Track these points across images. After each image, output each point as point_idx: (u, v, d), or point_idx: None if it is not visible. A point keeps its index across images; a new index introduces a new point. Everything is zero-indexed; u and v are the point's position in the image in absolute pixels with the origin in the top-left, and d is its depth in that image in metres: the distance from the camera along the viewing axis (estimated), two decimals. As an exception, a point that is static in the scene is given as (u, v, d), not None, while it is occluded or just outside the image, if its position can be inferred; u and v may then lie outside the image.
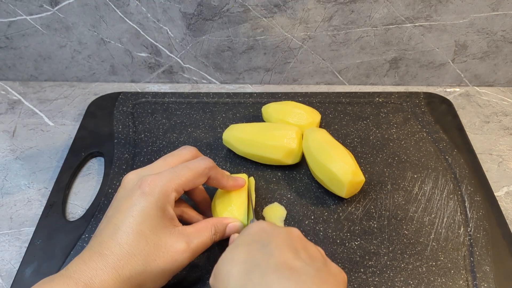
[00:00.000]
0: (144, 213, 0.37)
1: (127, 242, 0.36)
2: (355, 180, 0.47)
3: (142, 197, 0.37)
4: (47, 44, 0.66)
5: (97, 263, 0.35)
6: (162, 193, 0.38)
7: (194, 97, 0.65)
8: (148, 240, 0.36)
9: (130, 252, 0.36)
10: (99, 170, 0.56)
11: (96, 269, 0.35)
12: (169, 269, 0.37)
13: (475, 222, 0.48)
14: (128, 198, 0.38)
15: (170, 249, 0.37)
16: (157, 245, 0.37)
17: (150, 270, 0.36)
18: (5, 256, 0.47)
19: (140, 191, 0.38)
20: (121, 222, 0.37)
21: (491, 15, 0.61)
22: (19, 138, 0.61)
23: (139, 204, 0.37)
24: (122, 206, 0.38)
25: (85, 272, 0.35)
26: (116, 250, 0.36)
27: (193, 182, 0.40)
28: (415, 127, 0.60)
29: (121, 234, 0.36)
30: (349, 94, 0.65)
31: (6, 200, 0.53)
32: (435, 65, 0.67)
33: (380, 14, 0.61)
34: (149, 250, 0.36)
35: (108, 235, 0.37)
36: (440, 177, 0.53)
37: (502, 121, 0.63)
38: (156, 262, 0.36)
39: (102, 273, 0.35)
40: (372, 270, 0.44)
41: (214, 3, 0.60)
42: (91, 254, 0.36)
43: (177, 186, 0.39)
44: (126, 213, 0.37)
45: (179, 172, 0.40)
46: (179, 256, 0.37)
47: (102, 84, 0.70)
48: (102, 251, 0.36)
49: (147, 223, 0.37)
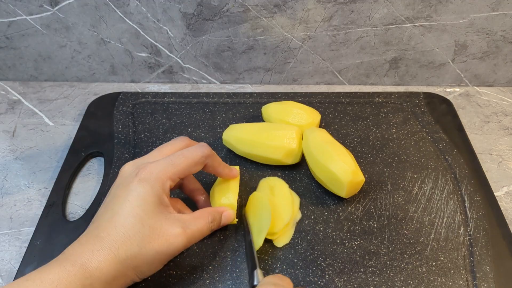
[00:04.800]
0: (140, 198, 0.38)
1: (123, 225, 0.37)
2: (355, 180, 0.47)
3: (139, 183, 0.39)
4: (47, 44, 0.66)
5: (93, 245, 0.36)
6: (157, 180, 0.39)
7: (194, 97, 0.65)
8: (143, 223, 0.37)
9: (125, 234, 0.36)
10: (99, 170, 0.56)
11: (93, 251, 0.35)
12: (165, 253, 0.38)
13: (475, 222, 0.48)
14: (125, 185, 0.39)
15: (166, 233, 0.38)
16: (152, 228, 0.37)
17: (145, 252, 0.37)
18: (5, 256, 0.47)
19: (137, 178, 0.39)
20: (118, 207, 0.38)
21: (491, 15, 0.61)
22: (19, 138, 0.61)
23: (136, 190, 0.38)
24: (119, 192, 0.39)
25: (81, 254, 0.35)
26: (112, 232, 0.36)
27: (189, 170, 0.42)
28: (415, 127, 0.60)
29: (118, 217, 0.37)
30: (349, 94, 0.65)
31: (6, 200, 0.53)
32: (435, 65, 0.67)
33: (380, 14, 0.61)
34: (144, 233, 0.37)
35: (105, 219, 0.38)
36: (440, 177, 0.53)
37: (502, 121, 0.63)
38: (151, 244, 0.37)
39: (99, 254, 0.35)
40: (372, 270, 0.44)
41: (214, 3, 0.60)
42: (87, 238, 0.37)
43: (172, 175, 0.40)
44: (123, 198, 0.38)
45: (174, 160, 0.41)
46: (174, 240, 0.38)
47: (102, 84, 0.70)
48: (98, 233, 0.37)
49: (143, 207, 0.38)
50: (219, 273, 0.44)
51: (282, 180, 0.52)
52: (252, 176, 0.54)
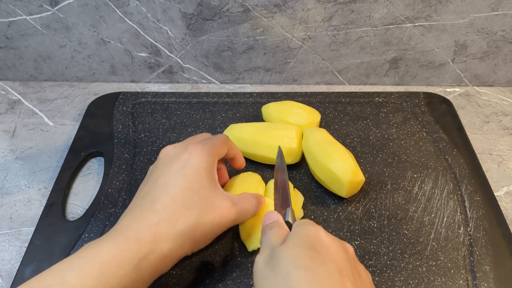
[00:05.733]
0: (194, 172, 0.39)
1: (181, 198, 0.37)
2: (355, 180, 0.47)
3: (191, 158, 0.39)
4: (47, 44, 0.66)
5: (149, 219, 0.36)
6: (209, 155, 0.40)
7: (194, 97, 0.65)
8: (200, 196, 0.38)
9: (184, 206, 0.37)
10: (99, 170, 0.56)
11: (150, 225, 0.35)
12: (218, 224, 0.38)
13: (475, 222, 0.48)
14: (175, 161, 0.40)
15: (219, 206, 0.39)
16: (207, 201, 0.38)
17: (202, 223, 0.37)
18: (5, 256, 0.47)
19: (187, 154, 0.40)
20: (173, 180, 0.38)
21: (491, 15, 0.61)
22: (19, 138, 0.61)
23: (189, 164, 0.39)
24: (169, 168, 0.39)
25: (137, 229, 0.35)
26: (170, 205, 0.37)
27: (222, 150, 0.44)
28: (415, 127, 0.60)
29: (174, 190, 0.38)
30: (349, 94, 0.65)
31: (6, 200, 0.53)
32: (435, 65, 0.67)
33: (380, 14, 0.61)
34: (201, 204, 0.38)
35: (159, 193, 0.38)
36: (440, 177, 0.53)
37: (502, 121, 0.63)
38: (208, 216, 0.38)
39: (156, 227, 0.35)
40: (372, 270, 0.44)
41: (214, 3, 0.60)
42: (142, 211, 0.37)
43: (216, 152, 0.42)
44: (177, 172, 0.39)
45: (212, 141, 0.43)
46: (227, 213, 0.39)
47: (102, 84, 0.70)
48: (154, 207, 0.37)
49: (198, 181, 0.38)
50: (219, 273, 0.44)
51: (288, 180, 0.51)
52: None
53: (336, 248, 0.34)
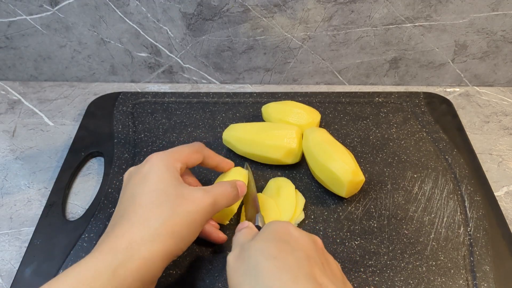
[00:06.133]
0: (158, 176, 0.39)
1: (149, 200, 0.37)
2: (355, 180, 0.47)
3: (151, 166, 0.40)
4: (47, 44, 0.66)
5: (121, 229, 0.36)
6: (168, 160, 0.40)
7: (194, 97, 0.65)
8: (167, 193, 0.38)
9: (153, 205, 0.37)
10: (99, 170, 0.56)
11: (123, 233, 0.35)
12: (195, 213, 0.38)
13: (475, 222, 0.48)
14: (137, 175, 0.40)
15: (190, 196, 0.38)
16: (177, 195, 0.38)
17: (178, 215, 0.37)
18: (5, 256, 0.47)
19: (148, 164, 0.40)
20: (138, 189, 0.38)
21: (491, 15, 0.61)
22: (19, 138, 0.61)
23: (151, 171, 0.39)
24: (133, 182, 0.39)
25: (109, 240, 0.35)
26: (139, 210, 0.36)
27: (192, 157, 0.43)
28: (415, 127, 0.60)
29: (140, 196, 0.37)
30: (349, 94, 0.65)
31: (6, 200, 0.53)
32: (435, 65, 0.67)
33: (380, 14, 0.61)
34: (171, 200, 0.37)
35: (127, 206, 0.38)
36: (440, 177, 0.53)
37: (502, 121, 0.63)
38: (181, 207, 0.37)
39: (129, 234, 0.35)
40: (372, 270, 0.44)
41: (214, 3, 0.60)
42: (114, 227, 0.36)
43: (180, 158, 0.41)
44: (140, 182, 0.39)
45: (177, 149, 0.43)
46: (200, 200, 0.38)
47: (102, 84, 0.70)
48: (125, 216, 0.37)
49: (163, 182, 0.38)
50: (219, 273, 0.44)
51: (289, 181, 0.51)
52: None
53: (304, 239, 0.35)
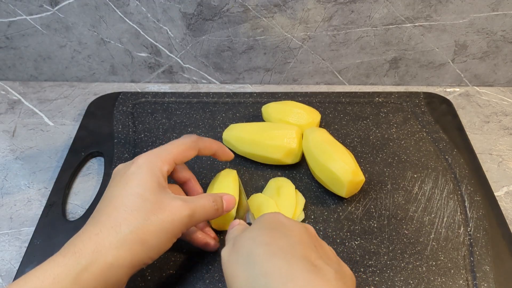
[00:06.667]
0: (139, 180, 0.37)
1: (124, 204, 0.36)
2: (355, 180, 0.47)
3: (136, 168, 0.38)
4: (47, 44, 0.66)
5: (91, 231, 0.34)
6: (154, 163, 0.39)
7: (194, 97, 0.65)
8: (144, 199, 0.36)
9: (127, 210, 0.35)
10: (99, 170, 0.56)
11: (90, 236, 0.34)
12: (170, 222, 0.36)
13: (475, 222, 0.48)
14: (122, 174, 0.39)
15: (168, 205, 0.37)
16: (154, 203, 0.36)
17: (150, 223, 0.35)
18: (5, 256, 0.47)
19: (134, 165, 0.39)
20: (117, 191, 0.37)
21: (491, 15, 0.61)
22: (19, 138, 0.61)
23: (134, 174, 0.38)
24: (116, 181, 0.39)
25: (75, 243, 0.34)
26: (113, 213, 0.35)
27: (183, 155, 0.42)
28: (415, 127, 0.60)
29: (117, 199, 0.36)
30: (349, 94, 0.65)
31: (6, 200, 0.53)
32: (435, 65, 0.67)
33: (380, 14, 0.61)
34: (147, 207, 0.36)
35: (103, 206, 0.37)
36: (440, 177, 0.53)
37: (502, 121, 0.63)
38: (157, 215, 0.36)
39: (97, 237, 0.34)
40: (372, 270, 0.44)
41: (214, 3, 0.60)
42: (86, 227, 0.36)
43: (168, 159, 0.40)
44: (121, 183, 0.38)
45: (167, 147, 0.41)
46: (177, 210, 0.37)
47: (102, 84, 0.70)
48: (98, 219, 0.36)
49: (143, 186, 0.37)
50: (219, 273, 0.44)
51: (289, 181, 0.51)
52: (252, 176, 0.54)
53: (296, 227, 0.35)
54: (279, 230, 0.34)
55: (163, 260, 0.45)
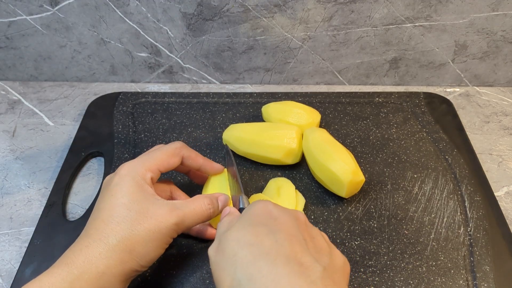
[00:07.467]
0: (123, 190, 0.38)
1: (110, 215, 0.37)
2: (355, 180, 0.47)
3: (119, 178, 0.40)
4: (47, 44, 0.66)
5: (82, 244, 0.36)
6: (136, 172, 0.40)
7: (194, 97, 0.65)
8: (129, 208, 0.37)
9: (113, 222, 0.37)
10: (99, 170, 0.56)
11: (81, 248, 0.36)
12: (157, 231, 0.37)
13: (475, 222, 0.48)
14: (106, 187, 0.40)
15: (154, 213, 0.38)
16: (139, 212, 0.37)
17: (137, 233, 0.37)
18: (5, 256, 0.47)
19: (117, 176, 0.40)
20: (103, 203, 0.39)
21: (491, 15, 0.61)
22: (19, 138, 0.61)
23: (118, 185, 0.39)
24: (102, 193, 0.40)
25: (67, 255, 0.36)
26: (100, 226, 0.37)
27: (167, 162, 0.43)
28: (415, 127, 0.60)
29: (103, 212, 0.38)
30: (349, 94, 0.65)
31: (6, 200, 0.53)
32: (435, 65, 0.67)
33: (380, 14, 0.61)
34: (132, 217, 0.37)
35: (92, 220, 0.38)
36: (440, 177, 0.53)
37: (502, 121, 0.63)
38: (142, 225, 0.37)
39: (87, 249, 0.35)
40: (372, 270, 0.44)
41: (214, 3, 0.60)
42: (78, 241, 0.37)
43: (150, 166, 0.41)
44: (107, 195, 0.39)
45: (151, 155, 0.42)
46: (163, 218, 0.38)
47: (102, 84, 0.70)
48: (87, 232, 0.37)
49: (127, 197, 0.38)
50: (219, 273, 0.44)
51: (289, 181, 0.51)
52: (252, 176, 0.54)
53: (285, 217, 0.35)
54: (265, 225, 0.33)
55: (163, 260, 0.45)
